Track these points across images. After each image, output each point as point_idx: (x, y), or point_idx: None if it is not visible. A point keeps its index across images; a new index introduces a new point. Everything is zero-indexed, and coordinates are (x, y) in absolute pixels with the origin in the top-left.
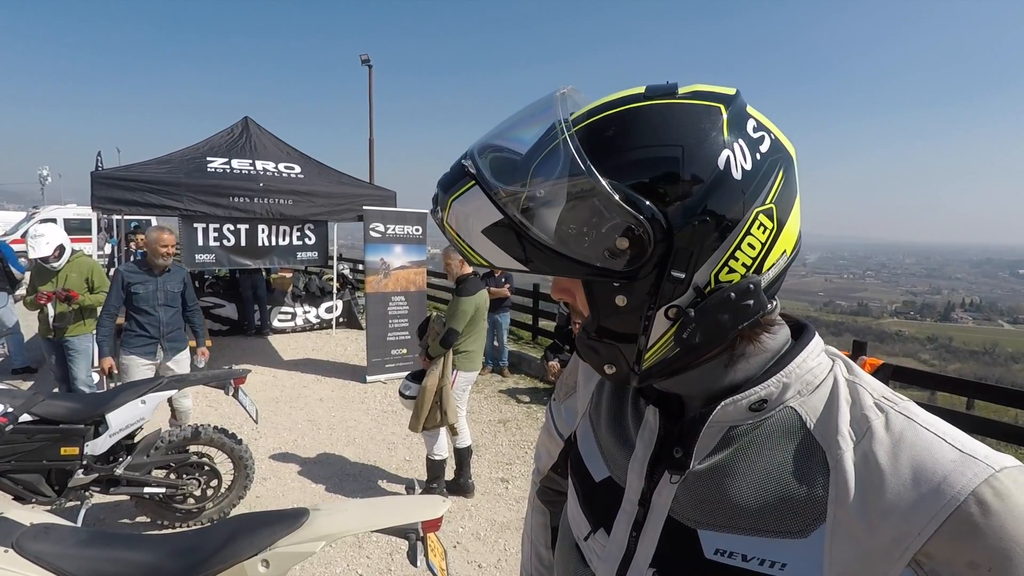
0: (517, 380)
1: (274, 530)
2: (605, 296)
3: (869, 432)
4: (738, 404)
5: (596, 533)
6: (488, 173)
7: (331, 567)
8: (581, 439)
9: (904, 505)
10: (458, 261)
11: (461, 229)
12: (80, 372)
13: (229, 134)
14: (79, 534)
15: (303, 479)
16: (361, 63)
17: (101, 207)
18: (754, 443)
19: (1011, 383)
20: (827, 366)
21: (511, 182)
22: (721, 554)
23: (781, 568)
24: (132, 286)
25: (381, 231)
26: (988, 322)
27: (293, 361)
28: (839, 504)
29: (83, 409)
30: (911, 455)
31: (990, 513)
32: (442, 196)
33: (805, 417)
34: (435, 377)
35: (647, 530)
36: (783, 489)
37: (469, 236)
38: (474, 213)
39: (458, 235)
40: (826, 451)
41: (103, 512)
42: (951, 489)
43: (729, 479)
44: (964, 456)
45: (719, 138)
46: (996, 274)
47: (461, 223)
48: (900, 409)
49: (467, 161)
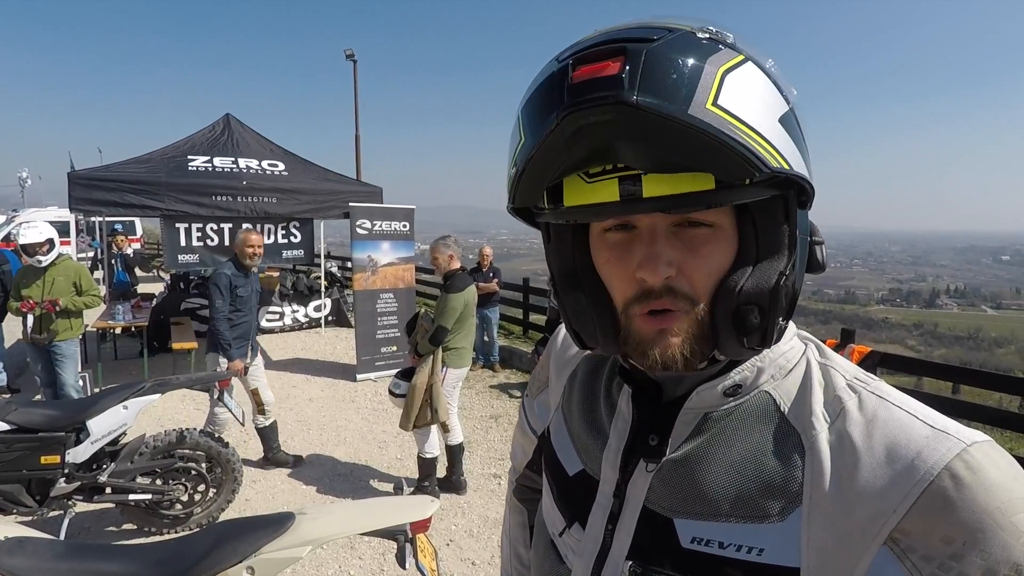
0: (508, 375)
1: (259, 536)
2: (776, 224)
3: (843, 413)
4: (713, 389)
5: (571, 528)
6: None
7: (323, 568)
8: (554, 434)
9: (879, 483)
10: (446, 256)
11: (747, 114)
12: (68, 377)
13: (211, 132)
14: (56, 547)
15: (293, 481)
16: (346, 58)
17: (79, 208)
18: (729, 428)
19: (995, 367)
20: (800, 350)
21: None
22: (698, 542)
23: (759, 553)
24: (236, 288)
25: (368, 228)
26: (972, 308)
27: (282, 361)
28: (815, 486)
29: (63, 416)
30: (884, 433)
31: (963, 487)
32: (690, 67)
33: (779, 401)
34: (425, 375)
35: (623, 522)
36: (759, 474)
37: (765, 125)
38: (766, 95)
39: (741, 122)
40: (801, 434)
41: (88, 521)
42: (924, 464)
43: (704, 466)
44: (936, 432)
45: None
46: (979, 261)
47: (745, 106)
48: (872, 389)
49: (720, 33)
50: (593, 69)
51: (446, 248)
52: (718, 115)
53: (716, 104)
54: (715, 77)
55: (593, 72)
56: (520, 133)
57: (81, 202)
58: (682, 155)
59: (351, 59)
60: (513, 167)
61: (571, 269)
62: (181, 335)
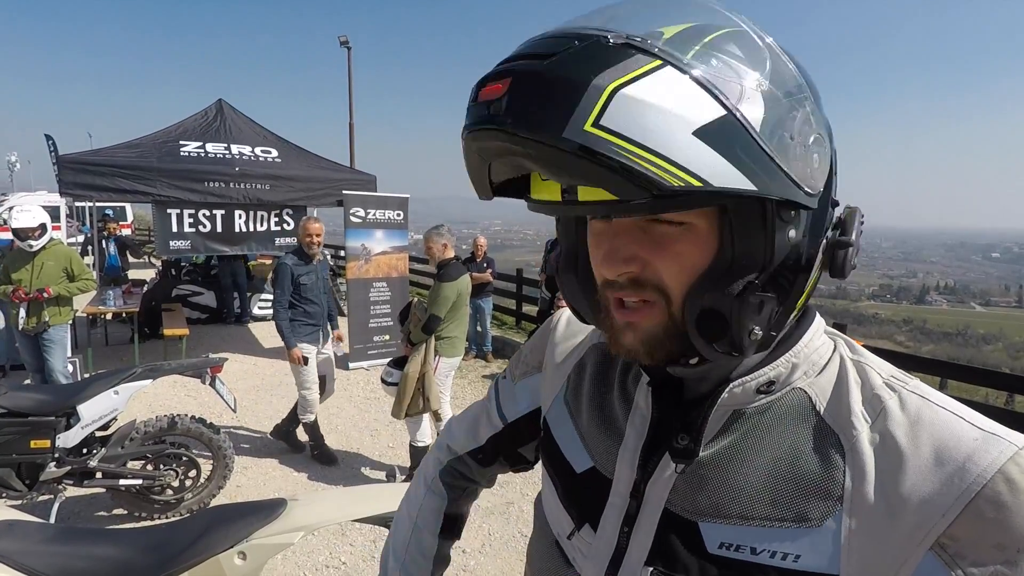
0: (501, 365)
1: (250, 522)
2: (757, 233)
3: (884, 412)
4: (746, 386)
5: (581, 530)
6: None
7: (314, 556)
8: (556, 426)
9: (927, 487)
10: (440, 245)
11: (643, 134)
12: (57, 363)
13: (203, 117)
14: (46, 530)
15: (284, 468)
16: (340, 45)
17: (69, 193)
18: (761, 427)
19: (982, 363)
20: (830, 346)
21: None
22: (727, 548)
23: (795, 560)
24: (299, 277)
25: (362, 216)
26: (961, 304)
27: (274, 349)
28: (857, 489)
29: (53, 401)
30: (931, 435)
31: (1018, 491)
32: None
33: (815, 398)
34: (417, 363)
35: (641, 525)
36: (794, 475)
37: (663, 143)
38: (683, 107)
39: (636, 144)
40: (840, 433)
41: (78, 505)
42: (976, 468)
43: (733, 466)
44: (986, 434)
45: None
46: (969, 258)
47: (640, 124)
48: (912, 388)
49: (639, 36)
50: (486, 92)
51: (439, 237)
52: (598, 136)
53: (597, 124)
54: (601, 95)
55: (486, 95)
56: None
57: (71, 186)
58: (579, 175)
59: (345, 46)
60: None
61: (571, 250)
62: (172, 321)
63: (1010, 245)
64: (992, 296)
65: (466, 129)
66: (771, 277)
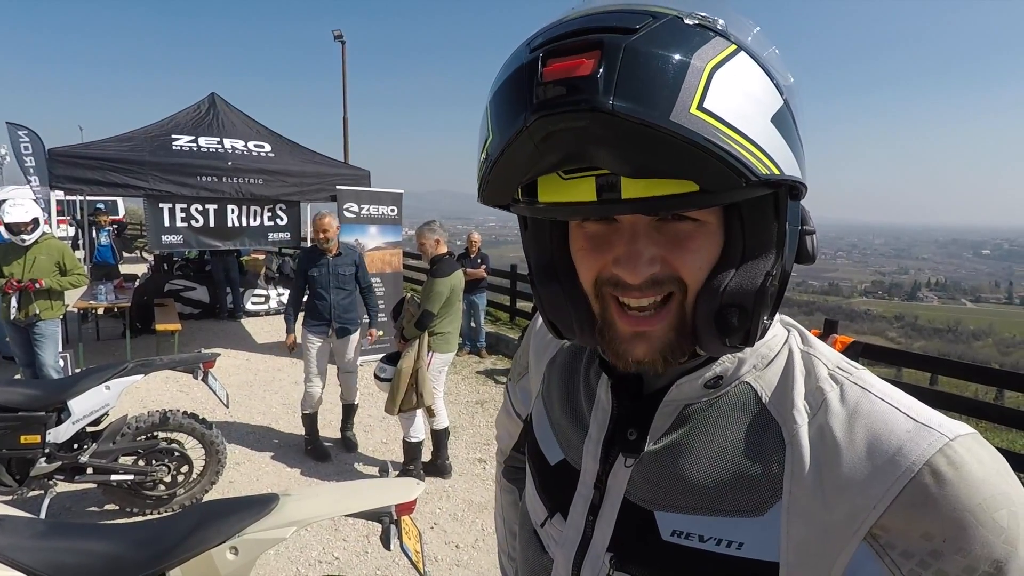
0: (495, 361)
1: (242, 516)
2: (765, 221)
3: (824, 404)
4: (693, 382)
5: (553, 518)
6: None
7: (307, 551)
8: (536, 422)
9: (859, 478)
10: (432, 241)
11: (734, 115)
12: (48, 357)
13: (195, 111)
14: (36, 525)
15: (277, 463)
16: (334, 39)
17: (60, 186)
18: (709, 421)
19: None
20: (782, 337)
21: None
22: (678, 535)
23: (738, 547)
24: (309, 270)
25: (355, 211)
26: (952, 301)
27: (267, 344)
28: (795, 480)
29: (43, 396)
30: (865, 426)
31: (944, 483)
32: (675, 63)
33: (760, 392)
34: (410, 359)
35: (603, 514)
36: (739, 467)
37: (750, 124)
38: (759, 92)
39: (730, 127)
40: (782, 426)
41: (69, 501)
42: (905, 460)
43: (685, 459)
44: (919, 425)
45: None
46: (961, 254)
47: (733, 107)
48: (855, 379)
49: (709, 18)
50: (565, 67)
51: (432, 233)
52: (704, 120)
53: (702, 107)
54: (702, 76)
55: (565, 70)
56: (488, 128)
57: (62, 180)
58: (664, 162)
59: (339, 40)
60: (482, 164)
61: (549, 260)
62: (165, 316)
63: (1000, 242)
64: (982, 292)
65: (537, 109)
66: (782, 267)
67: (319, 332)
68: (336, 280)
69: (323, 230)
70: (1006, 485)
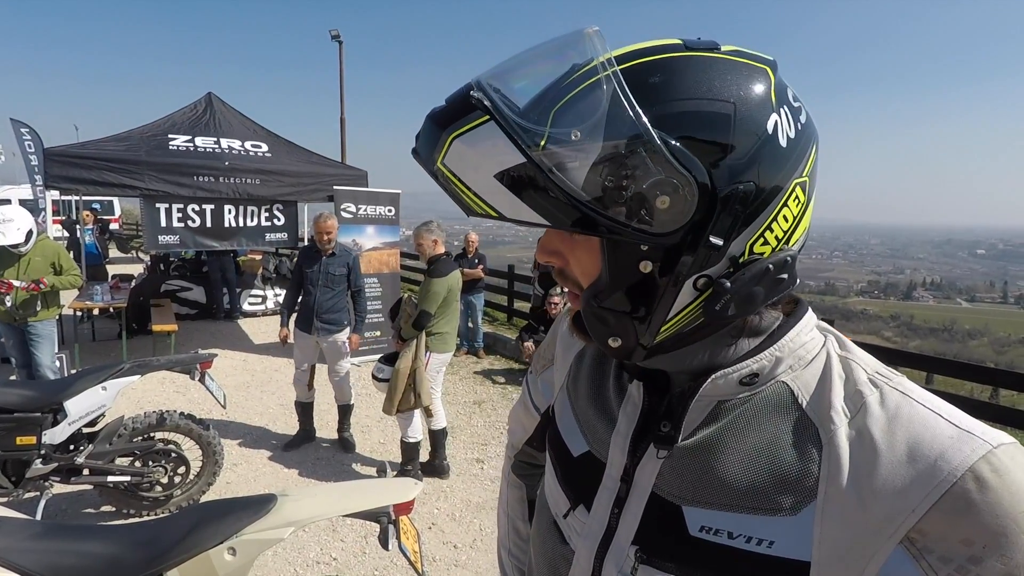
0: (492, 361)
1: (240, 517)
2: (628, 259)
3: (864, 408)
4: (729, 377)
5: (576, 510)
6: (504, 109)
7: (304, 552)
8: (559, 413)
9: (899, 482)
10: (431, 241)
11: (465, 172)
12: (44, 358)
13: (192, 111)
14: (33, 526)
15: (275, 464)
16: (331, 39)
17: (56, 186)
18: (743, 418)
19: (967, 358)
20: (820, 341)
21: (533, 122)
22: (706, 531)
23: (769, 546)
24: (303, 266)
25: (353, 212)
26: (947, 301)
27: (264, 345)
28: (831, 481)
29: (39, 396)
30: (907, 431)
31: (987, 489)
32: (436, 132)
33: (798, 392)
34: (408, 359)
35: (629, 506)
36: (773, 465)
37: (475, 181)
38: (487, 154)
39: (459, 180)
40: (819, 427)
41: (65, 502)
42: (948, 465)
43: (717, 455)
44: (961, 432)
45: (768, 101)
46: (956, 254)
47: (465, 165)
48: (895, 384)
49: (477, 93)
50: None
51: (430, 233)
52: (443, 171)
53: (443, 163)
54: (446, 141)
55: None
56: None
57: (58, 179)
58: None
59: (336, 40)
60: None
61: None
62: (161, 317)
63: (995, 242)
64: (977, 292)
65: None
66: (623, 296)
67: (303, 328)
68: (325, 279)
69: (327, 232)
70: None
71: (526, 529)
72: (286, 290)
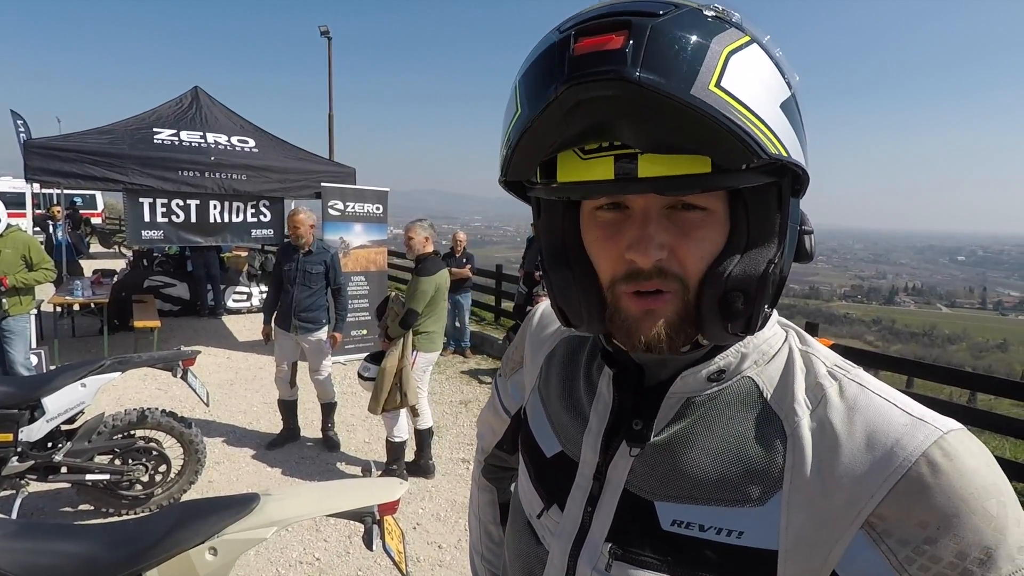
0: (479, 361)
1: (222, 516)
2: (768, 211)
3: (824, 399)
4: (697, 375)
5: (549, 510)
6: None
7: (287, 552)
8: (531, 415)
9: (858, 469)
10: (422, 238)
11: (748, 96)
12: (17, 354)
13: (178, 104)
14: (8, 525)
15: (258, 463)
16: (320, 35)
17: (36, 179)
18: (711, 413)
19: (947, 362)
20: (781, 336)
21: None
22: (678, 525)
23: (738, 536)
24: (281, 263)
25: (340, 209)
26: (928, 306)
27: (248, 342)
28: (796, 471)
29: (16, 393)
30: (864, 420)
31: (939, 473)
32: (700, 47)
33: (762, 387)
34: (395, 358)
35: (603, 504)
36: (741, 458)
37: (761, 106)
38: (770, 80)
39: (740, 102)
40: (783, 419)
41: (42, 501)
42: (903, 451)
43: (686, 450)
44: (914, 420)
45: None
46: (937, 260)
47: (748, 87)
48: (852, 376)
49: (726, 11)
50: (596, 42)
51: (422, 230)
52: (720, 97)
53: (719, 86)
54: (720, 57)
55: (596, 45)
56: (516, 104)
57: (38, 172)
58: (681, 136)
59: (325, 36)
60: (507, 139)
61: (560, 245)
62: (143, 313)
63: (975, 248)
64: (957, 298)
65: (568, 79)
66: (783, 259)
67: (283, 326)
68: (302, 277)
69: (295, 226)
70: (995, 476)
71: (498, 533)
72: (268, 288)
